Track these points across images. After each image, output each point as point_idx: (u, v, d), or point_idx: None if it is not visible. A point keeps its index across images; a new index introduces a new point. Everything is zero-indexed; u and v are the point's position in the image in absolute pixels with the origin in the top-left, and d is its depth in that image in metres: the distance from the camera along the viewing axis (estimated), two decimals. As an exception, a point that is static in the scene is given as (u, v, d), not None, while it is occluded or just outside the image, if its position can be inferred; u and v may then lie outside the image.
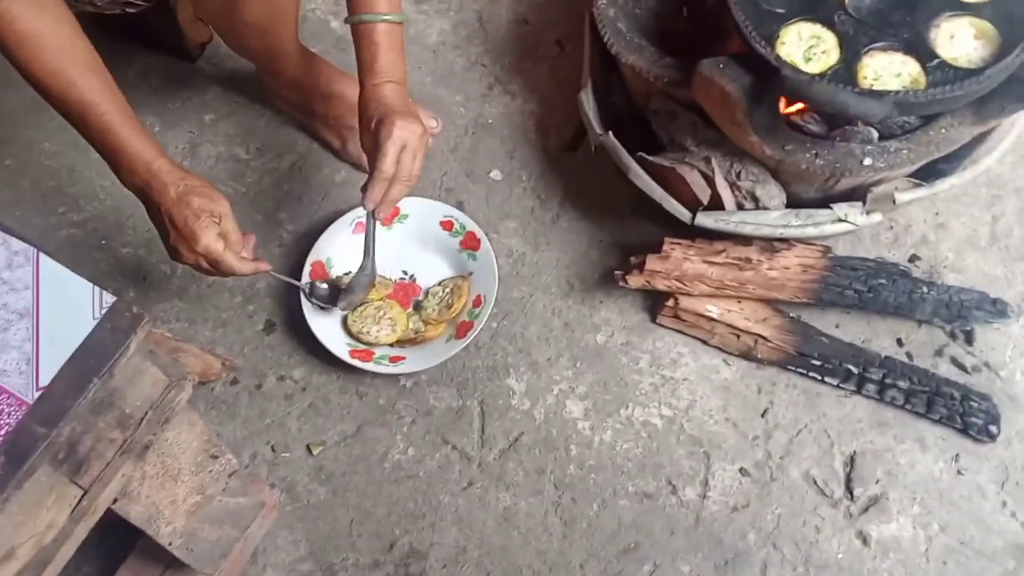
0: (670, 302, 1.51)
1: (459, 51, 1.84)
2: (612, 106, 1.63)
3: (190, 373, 0.98)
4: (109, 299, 0.93)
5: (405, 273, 1.58)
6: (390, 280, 1.56)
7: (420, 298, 1.56)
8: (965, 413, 1.43)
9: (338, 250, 1.56)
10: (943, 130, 1.40)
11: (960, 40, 1.38)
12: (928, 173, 1.48)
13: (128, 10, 1.39)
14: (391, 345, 1.51)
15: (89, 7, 1.34)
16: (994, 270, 1.58)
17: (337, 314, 1.52)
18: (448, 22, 1.87)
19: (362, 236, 1.55)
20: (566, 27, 1.83)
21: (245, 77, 1.78)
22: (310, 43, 1.70)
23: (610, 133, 1.53)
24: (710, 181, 1.46)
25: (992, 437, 1.43)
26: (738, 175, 1.47)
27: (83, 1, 1.32)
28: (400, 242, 1.59)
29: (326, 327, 1.50)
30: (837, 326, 1.53)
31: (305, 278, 1.53)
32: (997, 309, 1.50)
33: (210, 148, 1.73)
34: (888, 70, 1.36)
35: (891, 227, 1.62)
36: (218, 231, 1.26)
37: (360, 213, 1.58)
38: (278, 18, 1.54)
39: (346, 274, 1.54)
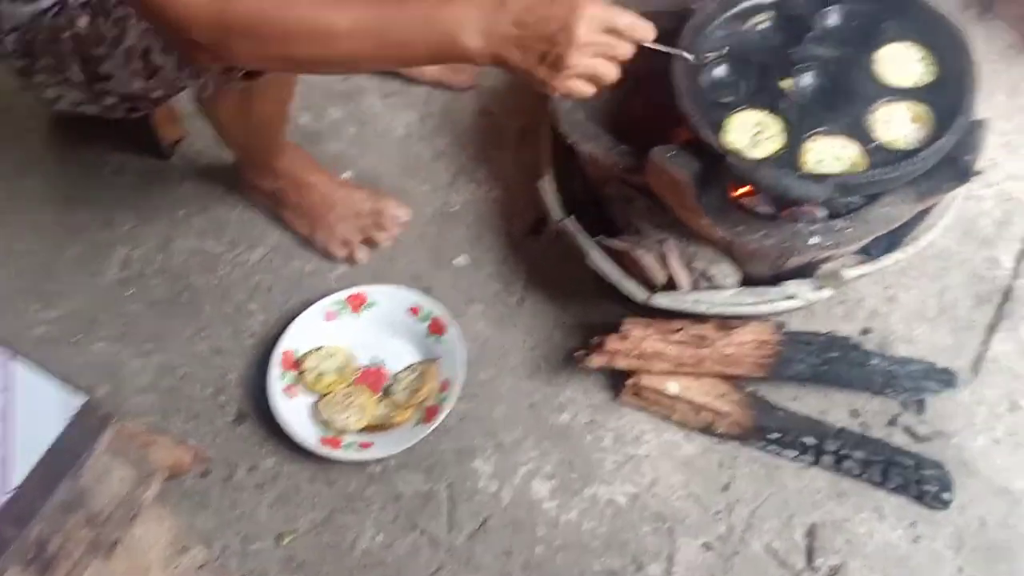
0: (631, 380, 1.55)
1: (425, 142, 1.91)
2: (572, 191, 1.69)
3: (158, 469, 1.01)
4: (79, 400, 0.97)
5: (374, 359, 1.62)
6: (358, 367, 1.61)
7: (389, 383, 1.59)
8: (919, 481, 1.47)
9: (307, 339, 1.61)
10: (885, 208, 1.46)
11: (897, 123, 1.45)
12: (874, 248, 1.55)
13: (132, 115, 1.44)
14: (360, 431, 1.54)
15: (92, 108, 1.40)
16: (943, 340, 1.63)
17: (306, 402, 1.56)
18: (415, 114, 1.94)
19: (333, 323, 1.61)
20: (528, 117, 1.90)
21: (218, 171, 1.84)
22: (279, 139, 1.76)
23: (570, 218, 1.59)
24: (665, 262, 1.51)
25: (945, 504, 1.46)
26: (693, 256, 1.53)
27: (91, 103, 1.38)
28: (368, 329, 1.64)
29: (295, 416, 1.53)
30: (794, 399, 1.58)
31: (275, 367, 1.57)
32: (945, 379, 1.55)
33: (183, 242, 1.78)
34: (830, 153, 1.42)
35: (843, 301, 1.67)
36: None
37: (328, 303, 1.63)
38: (283, 113, 1.62)
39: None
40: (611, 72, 1.18)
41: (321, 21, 1.11)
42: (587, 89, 1.18)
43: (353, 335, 1.63)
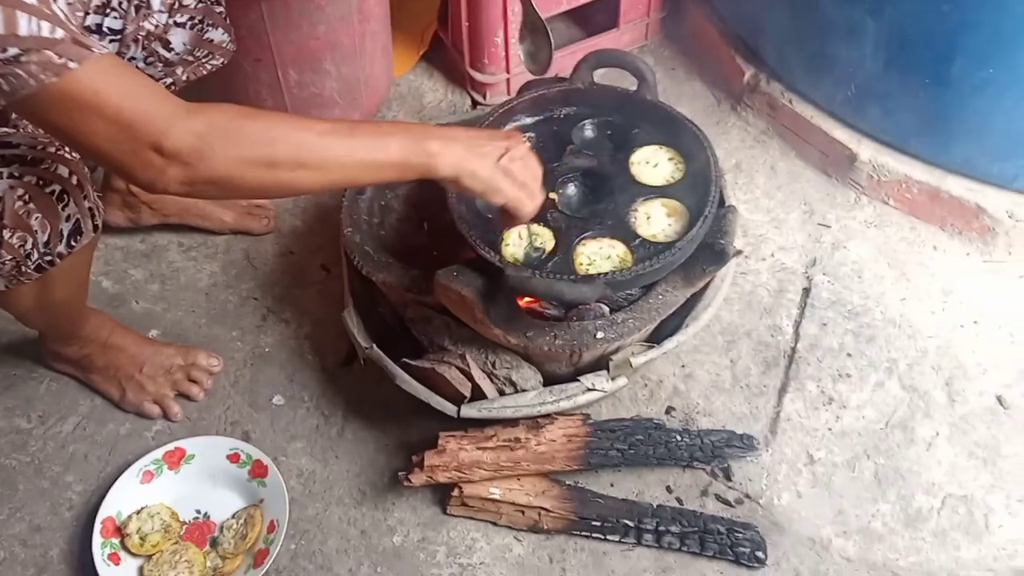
0: (455, 492, 1.60)
1: (231, 289, 1.95)
2: (378, 317, 1.75)
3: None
4: None
5: (199, 512, 1.62)
6: (183, 522, 1.60)
7: (215, 534, 1.59)
8: (733, 544, 1.56)
9: (127, 502, 1.60)
10: (660, 296, 1.58)
11: (655, 219, 1.58)
12: (663, 333, 1.66)
13: None
14: (191, 587, 1.53)
15: None
16: (740, 408, 1.75)
17: (134, 566, 1.55)
18: (217, 264, 1.99)
19: (153, 482, 1.61)
20: (329, 252, 1.97)
21: (20, 347, 1.83)
22: (82, 305, 1.76)
23: (374, 346, 1.65)
24: (468, 375, 1.58)
25: (760, 562, 1.55)
26: (493, 364, 1.60)
27: None
28: (189, 483, 1.64)
29: (122, 583, 1.51)
30: (612, 485, 1.66)
31: (97, 536, 1.55)
32: (745, 443, 1.66)
33: (-10, 424, 1.75)
34: (599, 254, 1.54)
35: (646, 385, 1.78)
36: None
37: (144, 463, 1.63)
38: (80, 289, 1.62)
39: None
40: (538, 190, 1.40)
41: (302, 123, 1.22)
42: (526, 202, 1.38)
43: (175, 491, 1.63)
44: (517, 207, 1.37)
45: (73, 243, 1.37)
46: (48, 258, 1.35)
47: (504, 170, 1.34)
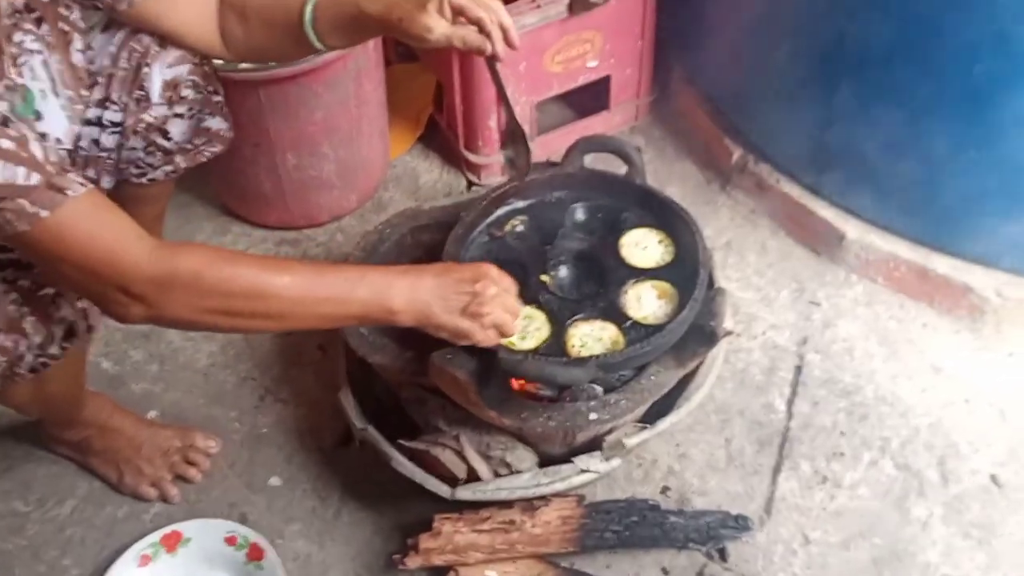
0: (451, 575, 1.61)
1: (229, 370, 1.97)
2: (375, 398, 1.77)
3: None
4: None
5: (195, 597, 1.62)
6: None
7: (211, 619, 1.60)
8: (728, 628, 1.56)
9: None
10: (652, 377, 1.59)
11: (646, 301, 1.61)
12: (658, 412, 1.67)
13: None
14: (184, 676, 1.53)
15: None
16: (735, 487, 1.75)
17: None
18: (216, 344, 2.01)
19: (149, 567, 1.61)
20: (326, 333, 1.98)
21: (19, 430, 1.84)
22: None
23: (369, 427, 1.67)
24: (463, 456, 1.60)
25: (756, 645, 1.55)
26: (488, 446, 1.61)
27: None
28: (186, 566, 1.64)
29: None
30: (608, 566, 1.65)
31: (91, 623, 1.55)
32: (739, 524, 1.66)
33: (-13, 508, 1.76)
34: (591, 336, 1.56)
35: (640, 464, 1.79)
36: None
37: (141, 546, 1.64)
38: (75, 382, 1.65)
39: None
40: (511, 325, 1.40)
41: (263, 276, 1.26)
42: (497, 340, 1.41)
43: (171, 575, 1.63)
44: (485, 345, 1.41)
45: (66, 345, 1.39)
46: (41, 359, 1.37)
47: (471, 316, 1.36)
